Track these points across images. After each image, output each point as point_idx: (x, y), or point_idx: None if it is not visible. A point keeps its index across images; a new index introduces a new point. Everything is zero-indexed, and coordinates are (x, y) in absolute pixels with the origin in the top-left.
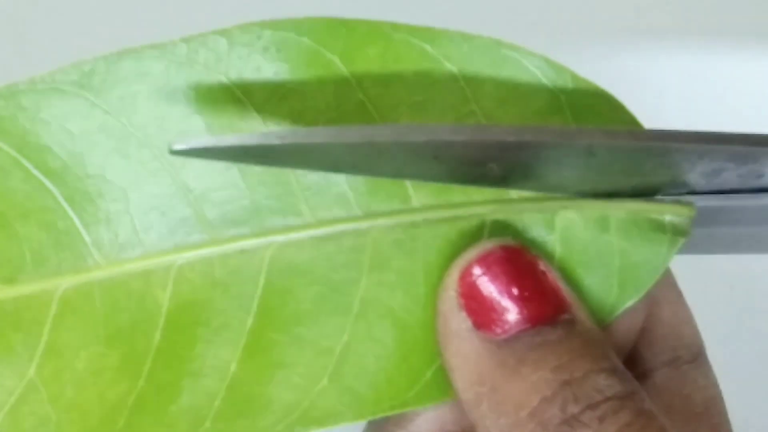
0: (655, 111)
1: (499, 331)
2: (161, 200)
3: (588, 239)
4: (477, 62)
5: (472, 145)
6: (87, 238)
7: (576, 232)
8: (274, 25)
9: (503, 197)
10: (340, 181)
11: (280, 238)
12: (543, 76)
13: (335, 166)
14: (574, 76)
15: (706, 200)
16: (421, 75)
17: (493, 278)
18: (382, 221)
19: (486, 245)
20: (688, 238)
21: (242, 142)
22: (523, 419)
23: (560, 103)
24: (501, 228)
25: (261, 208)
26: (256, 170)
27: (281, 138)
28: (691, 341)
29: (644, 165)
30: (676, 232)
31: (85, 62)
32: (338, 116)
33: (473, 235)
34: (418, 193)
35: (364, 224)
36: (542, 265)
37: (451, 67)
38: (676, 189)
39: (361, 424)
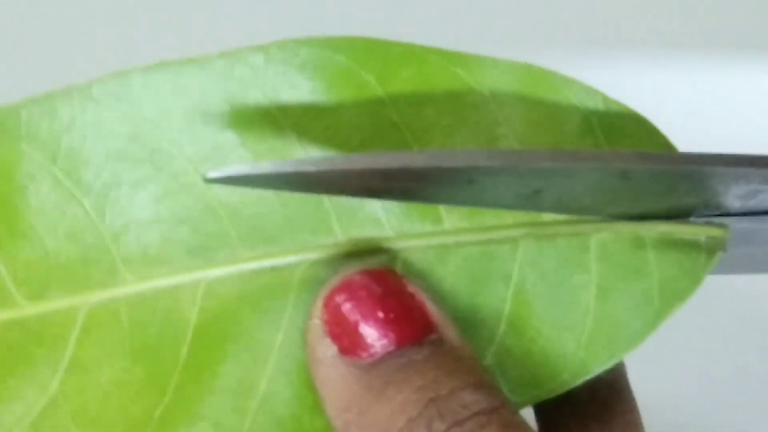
0: (668, 126)
1: (365, 355)
2: (192, 215)
3: (625, 256)
4: (508, 85)
5: (507, 170)
6: (116, 253)
7: (612, 250)
8: (312, 42)
9: (536, 220)
10: (372, 201)
11: (311, 256)
12: (574, 99)
13: (369, 192)
14: (606, 98)
15: (740, 221)
16: (454, 98)
17: (357, 303)
18: (413, 242)
19: (349, 271)
20: (725, 253)
21: (277, 169)
22: None
23: (592, 125)
24: (534, 250)
25: (293, 225)
26: None
27: (316, 165)
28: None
29: (679, 188)
30: (712, 250)
31: (121, 74)
32: (372, 136)
33: (505, 258)
34: (451, 215)
35: (395, 245)
36: (409, 287)
37: (482, 90)
38: (710, 210)
39: None
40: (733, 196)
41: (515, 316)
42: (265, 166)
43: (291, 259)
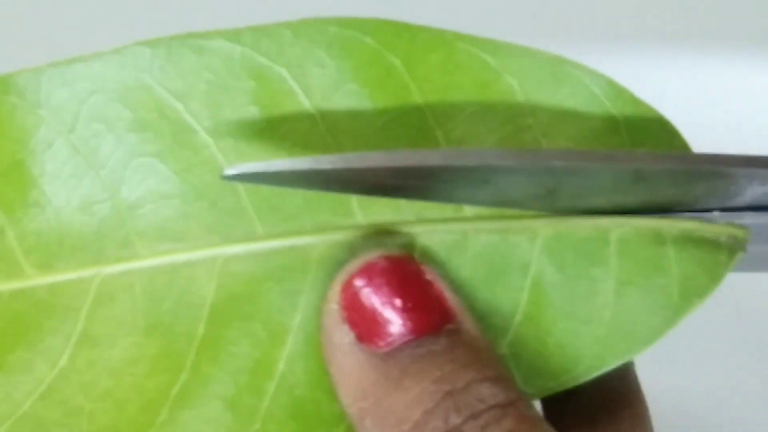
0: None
1: (382, 343)
2: (211, 190)
3: (645, 251)
4: (538, 77)
5: (521, 170)
6: (130, 226)
7: (632, 245)
8: (339, 22)
9: (556, 211)
10: None
11: (330, 237)
12: (603, 96)
13: (384, 191)
14: (634, 99)
15: (758, 217)
16: (481, 85)
17: (376, 290)
18: (432, 227)
19: (368, 256)
20: (745, 252)
21: (293, 167)
22: None
23: (617, 123)
24: (553, 241)
25: (312, 204)
26: None
27: (332, 163)
28: None
29: (693, 189)
30: (733, 250)
31: (147, 43)
32: (395, 119)
33: (524, 248)
34: None
35: (414, 229)
36: (428, 274)
37: (511, 80)
38: (726, 206)
39: None
40: (749, 197)
41: (532, 306)
42: (281, 164)
43: (309, 239)
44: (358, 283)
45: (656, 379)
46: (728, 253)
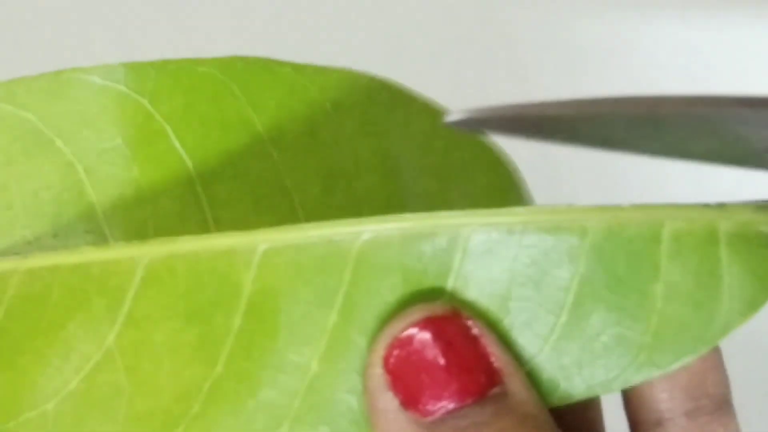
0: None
1: (427, 409)
2: (255, 176)
3: (697, 252)
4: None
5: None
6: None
7: (685, 245)
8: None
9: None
10: None
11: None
12: None
13: (606, 142)
14: None
15: None
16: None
17: (420, 352)
18: (482, 221)
19: (412, 316)
20: None
21: (517, 112)
22: None
23: None
24: (604, 238)
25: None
26: None
27: (561, 107)
28: (715, 390)
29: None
30: None
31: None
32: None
33: (575, 245)
34: None
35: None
36: (475, 330)
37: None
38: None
39: None
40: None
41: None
42: (506, 109)
43: (351, 230)
44: (402, 348)
45: None
46: None
